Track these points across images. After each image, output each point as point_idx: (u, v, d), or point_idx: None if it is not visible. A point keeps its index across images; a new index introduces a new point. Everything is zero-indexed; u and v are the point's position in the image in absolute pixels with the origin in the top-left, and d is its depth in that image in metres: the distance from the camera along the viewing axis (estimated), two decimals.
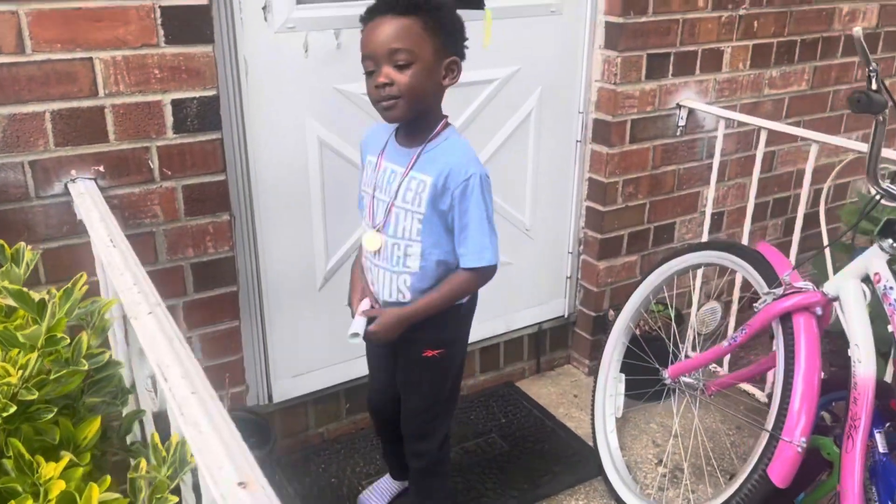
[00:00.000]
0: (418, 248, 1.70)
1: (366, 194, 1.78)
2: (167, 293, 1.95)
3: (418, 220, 1.68)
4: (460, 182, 1.63)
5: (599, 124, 2.62)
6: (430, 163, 1.65)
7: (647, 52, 2.54)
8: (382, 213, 1.72)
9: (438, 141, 1.67)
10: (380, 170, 1.74)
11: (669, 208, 2.85)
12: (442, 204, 1.66)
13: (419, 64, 1.57)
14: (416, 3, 1.56)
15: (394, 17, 1.55)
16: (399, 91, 1.57)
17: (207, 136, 1.90)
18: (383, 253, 1.74)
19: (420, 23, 1.56)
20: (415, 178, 1.67)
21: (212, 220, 1.98)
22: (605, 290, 2.83)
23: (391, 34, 1.55)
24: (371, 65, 1.59)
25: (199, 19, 1.80)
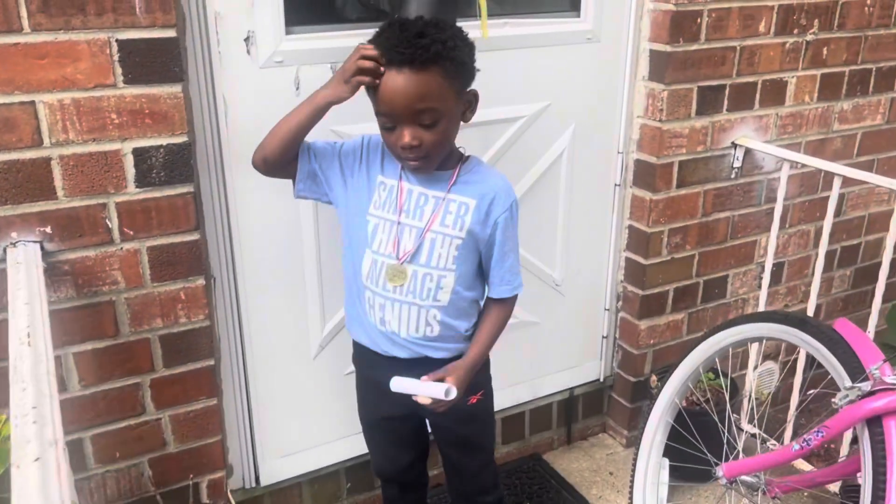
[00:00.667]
0: (452, 278, 1.56)
1: (380, 220, 1.55)
2: (130, 370, 1.68)
3: (456, 247, 1.54)
4: (506, 208, 1.55)
5: (642, 166, 2.29)
6: (469, 186, 1.54)
7: (697, 84, 2.20)
8: (413, 239, 1.53)
9: (471, 166, 1.56)
10: (403, 193, 1.53)
11: (722, 260, 2.50)
12: (483, 229, 1.54)
13: (446, 117, 1.44)
14: (436, 54, 1.37)
15: (412, 72, 1.37)
16: (427, 151, 1.44)
17: (177, 190, 1.62)
18: (410, 286, 1.54)
19: (441, 72, 1.39)
20: (454, 201, 1.53)
21: (184, 285, 1.69)
22: (646, 352, 2.48)
23: (413, 94, 1.38)
24: (389, 121, 1.43)
25: (166, 54, 1.52)
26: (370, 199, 1.56)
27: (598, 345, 2.53)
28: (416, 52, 1.35)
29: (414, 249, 1.52)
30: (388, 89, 1.38)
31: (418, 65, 1.36)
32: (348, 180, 1.57)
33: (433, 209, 1.52)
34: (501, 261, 1.57)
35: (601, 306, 2.48)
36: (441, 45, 1.36)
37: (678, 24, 2.10)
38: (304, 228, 1.88)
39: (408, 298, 1.55)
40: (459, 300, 1.58)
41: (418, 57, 1.35)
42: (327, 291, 1.96)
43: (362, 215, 1.56)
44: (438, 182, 1.52)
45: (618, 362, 2.56)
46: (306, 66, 1.73)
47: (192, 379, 1.77)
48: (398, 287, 1.54)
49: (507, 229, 1.55)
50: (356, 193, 1.57)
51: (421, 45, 1.35)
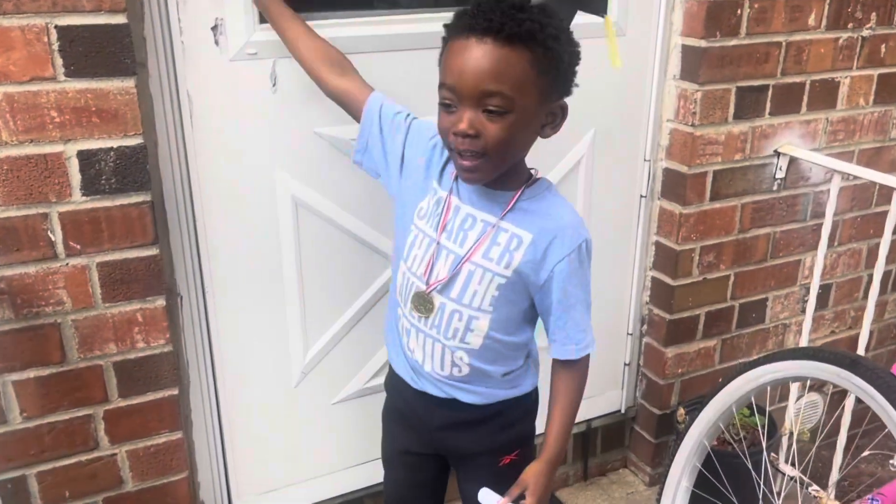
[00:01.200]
0: (486, 322, 1.31)
1: (420, 234, 1.33)
2: (80, 400, 1.49)
3: (497, 286, 1.28)
4: (567, 252, 1.26)
5: (671, 176, 2.04)
6: (529, 216, 1.27)
7: (736, 84, 1.95)
8: (448, 267, 1.29)
9: (536, 191, 1.29)
10: (450, 210, 1.30)
11: (760, 281, 2.24)
12: (537, 273, 1.27)
13: (518, 113, 1.16)
14: (529, 32, 1.12)
15: (495, 45, 1.12)
16: (485, 146, 1.16)
17: (131, 199, 1.42)
18: (435, 319, 1.32)
19: (528, 57, 1.13)
20: (506, 231, 1.27)
21: (141, 306, 1.50)
22: (673, 382, 2.23)
23: (486, 70, 1.12)
24: (450, 97, 1.17)
25: (114, 43, 1.32)
26: (417, 203, 1.34)
27: (619, 373, 2.28)
28: (507, 22, 1.10)
29: (447, 279, 1.28)
30: (461, 58, 1.13)
31: (504, 37, 1.10)
32: (405, 169, 1.36)
33: (479, 235, 1.27)
34: (563, 316, 1.29)
35: (623, 331, 2.23)
36: (539, 25, 1.12)
37: (715, 15, 1.85)
38: (283, 240, 1.67)
39: (432, 332, 1.33)
40: (495, 345, 1.33)
41: (507, 28, 1.10)
42: (310, 311, 1.74)
43: (408, 220, 1.35)
44: (493, 204, 1.27)
45: (641, 392, 2.31)
46: (284, 60, 1.52)
47: (152, 410, 1.58)
48: (423, 317, 1.33)
49: (571, 280, 1.26)
50: (410, 189, 1.35)
51: (516, 17, 1.11)
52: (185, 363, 1.68)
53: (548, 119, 1.22)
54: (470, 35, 1.13)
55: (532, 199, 1.27)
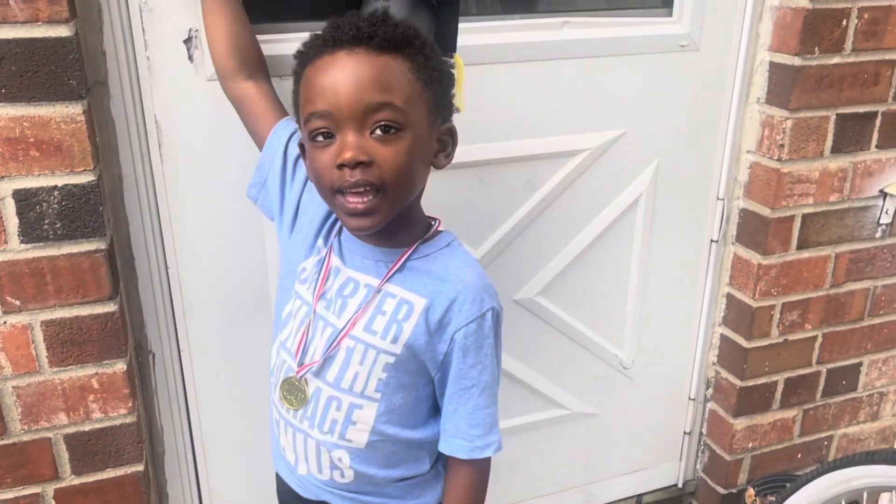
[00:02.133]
0: (372, 413, 1.04)
1: (298, 302, 1.08)
2: (25, 477, 1.26)
3: (384, 366, 1.02)
4: (473, 318, 1.00)
5: (750, 219, 1.70)
6: (422, 277, 1.02)
7: (836, 110, 1.60)
8: (324, 342, 1.03)
9: (434, 246, 1.04)
10: (328, 272, 1.05)
11: (854, 344, 1.87)
12: (435, 345, 1.02)
13: (412, 131, 0.93)
14: (405, 37, 0.93)
15: (369, 53, 0.91)
16: (381, 176, 0.91)
17: (81, 247, 1.18)
18: (308, 409, 1.06)
19: (409, 66, 0.93)
20: (393, 297, 1.01)
21: (97, 370, 1.26)
22: (742, 457, 1.89)
23: (368, 79, 0.90)
24: (324, 125, 0.92)
25: (57, 61, 1.07)
26: (300, 263, 1.09)
27: (677, 442, 1.95)
28: (377, 29, 0.91)
29: (322, 358, 1.02)
30: (331, 74, 0.91)
31: (378, 45, 0.91)
32: (298, 221, 1.12)
33: (360, 303, 1.02)
34: (454, 400, 1.03)
35: (684, 395, 1.90)
36: (413, 31, 0.95)
37: (814, 27, 1.51)
38: (272, 289, 1.40)
39: (303, 426, 1.07)
40: (387, 444, 1.06)
41: (380, 34, 0.91)
42: None
43: (289, 283, 1.10)
44: (380, 264, 1.03)
45: (703, 466, 1.97)
46: (275, 80, 1.25)
47: (112, 489, 1.34)
48: (292, 410, 1.07)
49: (468, 356, 1.01)
50: (297, 245, 1.11)
51: (387, 23, 0.93)
52: (160, 429, 1.44)
53: (438, 146, 1.00)
54: (336, 49, 0.91)
55: (427, 258, 1.02)
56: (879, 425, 2.03)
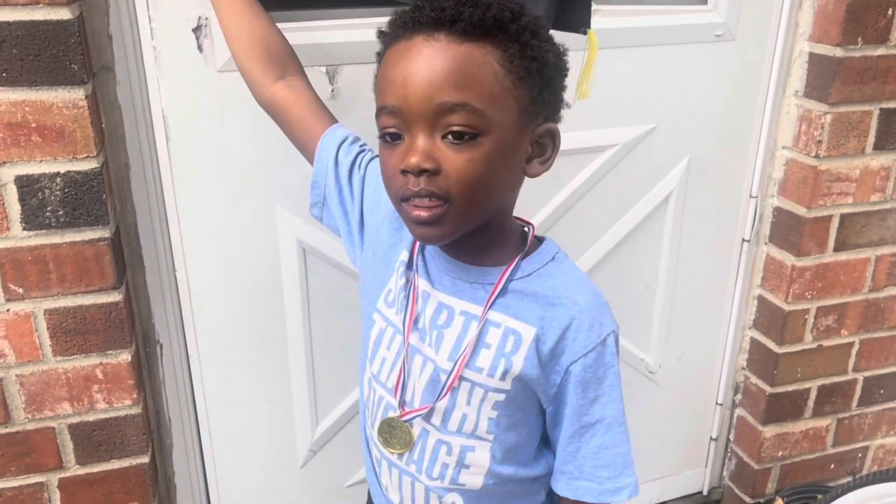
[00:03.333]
0: (486, 455, 0.91)
1: (387, 327, 0.95)
2: (30, 466, 1.25)
3: (494, 405, 0.89)
4: (592, 346, 0.86)
5: (784, 218, 1.62)
6: (528, 301, 0.87)
7: (880, 105, 1.51)
8: (424, 382, 0.90)
9: (537, 262, 0.89)
10: (416, 297, 0.91)
11: (893, 351, 1.79)
12: (548, 376, 0.87)
13: (495, 136, 0.78)
14: (497, 20, 0.77)
15: (450, 41, 0.77)
16: (449, 187, 0.78)
17: (84, 235, 1.15)
18: (414, 453, 0.93)
19: (499, 56, 0.78)
20: (497, 327, 0.87)
21: (101, 360, 1.23)
22: (770, 466, 1.81)
23: (441, 74, 0.76)
24: (393, 123, 0.80)
25: (59, 45, 1.05)
26: (383, 282, 0.96)
27: (703, 449, 1.88)
28: (465, 9, 0.77)
29: (435, 400, 0.89)
30: (403, 65, 0.78)
31: (462, 29, 0.76)
32: (366, 232, 1.00)
33: (458, 335, 0.88)
34: (575, 440, 0.89)
35: (711, 400, 1.83)
36: (511, 14, 0.78)
37: (857, 17, 1.42)
38: (287, 292, 1.37)
39: (410, 469, 0.94)
40: (505, 485, 0.93)
41: (467, 16, 0.76)
42: (320, 377, 1.44)
43: (371, 303, 0.98)
44: (476, 286, 0.88)
45: (730, 473, 1.90)
46: None
47: (116, 480, 1.32)
48: (396, 454, 0.95)
49: (589, 389, 0.87)
50: (372, 261, 0.98)
51: (479, 2, 0.77)
52: (168, 421, 1.42)
53: (534, 150, 0.84)
54: (414, 33, 0.78)
55: (531, 277, 0.88)
56: None
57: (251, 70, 1.03)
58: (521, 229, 0.92)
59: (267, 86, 1.03)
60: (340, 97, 1.27)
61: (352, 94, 1.26)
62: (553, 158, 0.86)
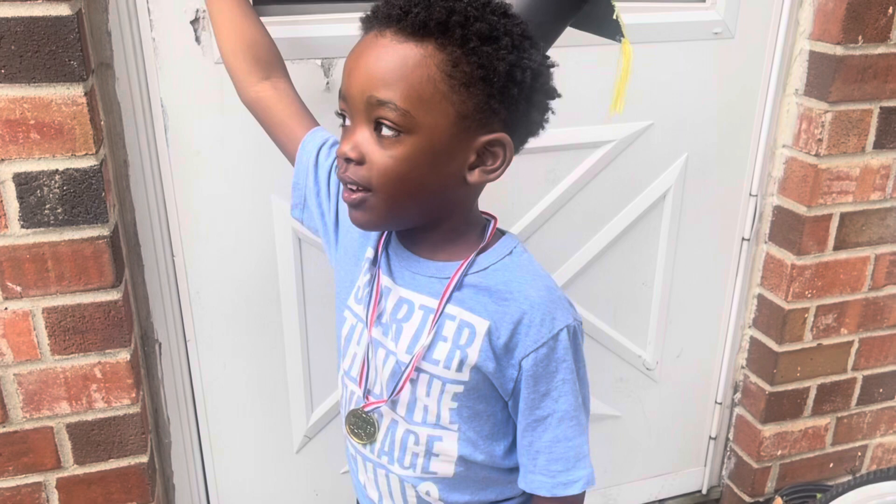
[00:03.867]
0: (454, 444, 0.93)
1: (356, 323, 0.96)
2: (28, 466, 1.25)
3: (453, 396, 0.90)
4: (543, 341, 0.86)
5: (784, 216, 1.62)
6: (482, 295, 0.88)
7: (880, 104, 1.51)
8: (387, 373, 0.92)
9: (493, 256, 0.90)
10: (379, 291, 0.93)
11: (893, 350, 1.79)
12: (503, 370, 0.89)
13: (420, 137, 0.80)
14: (440, 22, 0.77)
15: (394, 38, 0.79)
16: (369, 179, 0.82)
17: (83, 233, 1.15)
18: (385, 444, 0.95)
19: (439, 59, 0.78)
20: (452, 320, 0.88)
21: (100, 360, 1.23)
22: (770, 465, 1.81)
23: (375, 70, 0.79)
24: (343, 108, 0.85)
25: (57, 41, 1.04)
26: (354, 280, 0.97)
27: (702, 447, 1.88)
28: (414, 9, 0.78)
29: (393, 389, 0.91)
30: (352, 57, 0.82)
31: (408, 28, 0.77)
32: (340, 230, 1.01)
33: (417, 329, 0.90)
34: (528, 433, 0.90)
35: (710, 398, 1.83)
36: (463, 17, 0.77)
37: (858, 15, 1.42)
38: (283, 281, 1.37)
39: (382, 461, 0.96)
40: (479, 472, 0.95)
41: (412, 16, 0.77)
42: (315, 364, 1.44)
43: (342, 301, 0.99)
44: (434, 280, 0.89)
45: (729, 472, 1.90)
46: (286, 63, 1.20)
47: (115, 480, 1.31)
48: (365, 444, 0.97)
49: (540, 384, 0.88)
50: (345, 259, 1.00)
51: (430, 4, 0.78)
52: (167, 420, 1.42)
53: (479, 158, 0.84)
54: (370, 28, 0.82)
55: (486, 271, 0.88)
56: None
57: (237, 69, 1.06)
58: (484, 224, 0.93)
59: (252, 85, 1.05)
60: (335, 89, 1.26)
61: None
62: (502, 169, 0.85)
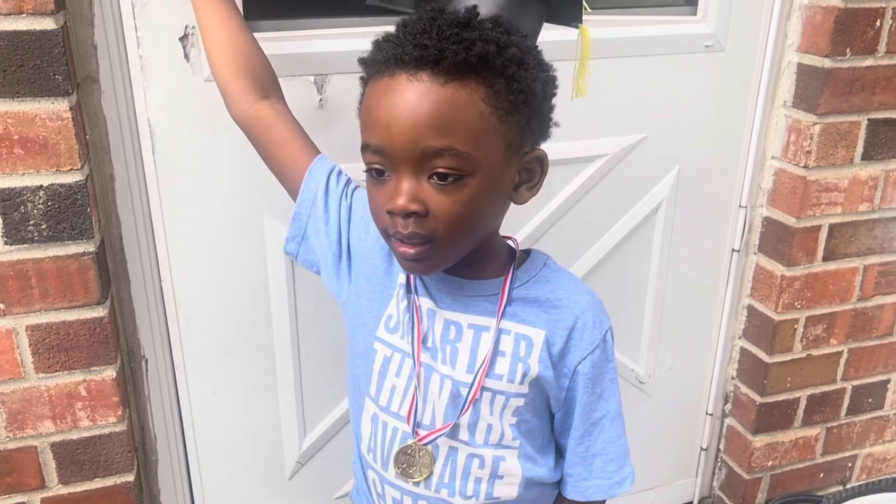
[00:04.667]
0: (516, 461, 0.92)
1: (393, 354, 0.93)
2: (11, 486, 1.22)
3: (514, 411, 0.90)
4: (596, 343, 0.89)
5: (773, 228, 1.62)
6: (532, 306, 0.90)
7: (868, 115, 1.52)
8: (445, 399, 0.89)
9: (531, 270, 0.92)
10: (420, 315, 0.91)
11: (882, 359, 1.79)
12: (558, 378, 0.90)
13: (481, 176, 0.79)
14: (482, 57, 0.76)
15: (434, 81, 0.75)
16: (435, 229, 0.79)
17: (68, 249, 1.13)
18: (444, 476, 0.91)
19: (484, 93, 0.77)
20: (508, 334, 0.89)
21: (85, 377, 1.21)
22: (760, 476, 1.81)
23: (426, 118, 0.75)
24: (379, 162, 0.80)
25: (42, 55, 1.02)
26: (381, 310, 0.94)
27: (694, 459, 1.88)
28: (449, 46, 0.75)
29: (457, 416, 0.89)
30: (386, 104, 0.77)
31: (447, 69, 0.75)
32: (354, 262, 0.98)
33: (472, 348, 0.88)
34: (586, 438, 0.91)
35: (701, 410, 1.82)
36: (496, 47, 0.77)
37: (846, 27, 1.42)
38: (274, 302, 1.35)
39: (441, 495, 0.91)
40: (535, 489, 0.94)
41: (451, 54, 0.74)
42: (308, 387, 1.42)
43: (368, 335, 0.95)
44: (478, 299, 0.89)
45: (720, 483, 1.90)
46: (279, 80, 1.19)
47: (101, 499, 1.29)
48: (422, 481, 0.92)
49: (597, 385, 0.90)
50: (365, 290, 0.96)
51: (461, 37, 0.76)
52: (153, 437, 1.39)
53: (521, 177, 0.84)
54: (397, 70, 0.76)
55: (529, 283, 0.90)
56: None
57: (233, 85, 1.01)
58: (506, 242, 0.94)
59: (250, 102, 1.01)
60: (329, 107, 1.26)
61: (340, 104, 1.25)
62: (541, 183, 0.87)
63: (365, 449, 0.98)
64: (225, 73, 1.02)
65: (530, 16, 1.02)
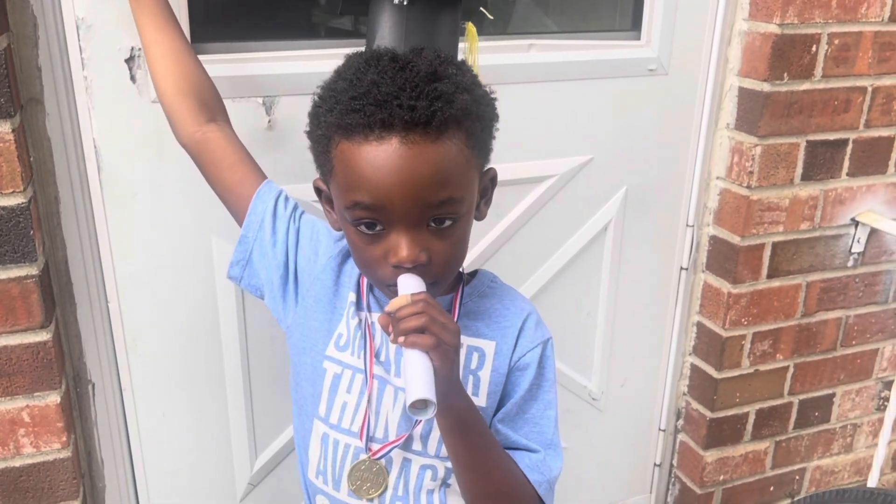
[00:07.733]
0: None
1: (344, 371, 0.94)
2: None
3: None
4: (538, 341, 0.94)
5: (719, 246, 1.66)
6: (482, 319, 0.95)
7: (806, 137, 1.57)
8: (402, 411, 0.91)
9: (478, 287, 0.97)
10: (372, 332, 0.93)
11: (826, 374, 1.83)
12: (502, 385, 0.94)
13: (466, 209, 0.85)
14: (464, 109, 0.80)
15: (426, 140, 0.78)
16: (437, 273, 0.84)
17: (10, 273, 1.11)
18: (398, 489, 0.93)
19: (463, 138, 0.81)
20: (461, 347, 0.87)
21: (28, 403, 1.19)
22: (713, 490, 1.84)
23: (429, 177, 0.79)
24: (372, 217, 0.81)
25: None
26: (332, 329, 0.95)
27: (647, 475, 1.90)
28: (434, 105, 0.77)
29: (406, 435, 0.91)
30: (381, 168, 0.78)
31: (437, 127, 0.78)
32: (301, 284, 0.98)
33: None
34: (516, 420, 0.94)
35: (654, 426, 1.85)
36: (470, 96, 0.81)
37: (784, 52, 1.48)
38: (224, 323, 1.34)
39: None
40: None
41: (439, 114, 0.77)
42: (259, 407, 1.41)
43: (317, 355, 0.96)
44: None
45: (674, 498, 1.92)
46: (226, 101, 1.19)
47: None
48: (374, 499, 0.93)
49: (537, 384, 0.94)
50: (314, 311, 0.97)
51: (440, 93, 0.78)
52: (100, 463, 1.37)
53: (482, 197, 0.91)
54: (384, 133, 0.77)
55: (476, 299, 0.96)
56: (853, 457, 1.99)
57: (180, 109, 1.01)
58: None
59: (198, 125, 1.01)
60: (277, 128, 1.26)
61: (289, 125, 1.26)
62: (492, 195, 0.93)
63: (313, 474, 0.98)
64: (171, 96, 1.02)
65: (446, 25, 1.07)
